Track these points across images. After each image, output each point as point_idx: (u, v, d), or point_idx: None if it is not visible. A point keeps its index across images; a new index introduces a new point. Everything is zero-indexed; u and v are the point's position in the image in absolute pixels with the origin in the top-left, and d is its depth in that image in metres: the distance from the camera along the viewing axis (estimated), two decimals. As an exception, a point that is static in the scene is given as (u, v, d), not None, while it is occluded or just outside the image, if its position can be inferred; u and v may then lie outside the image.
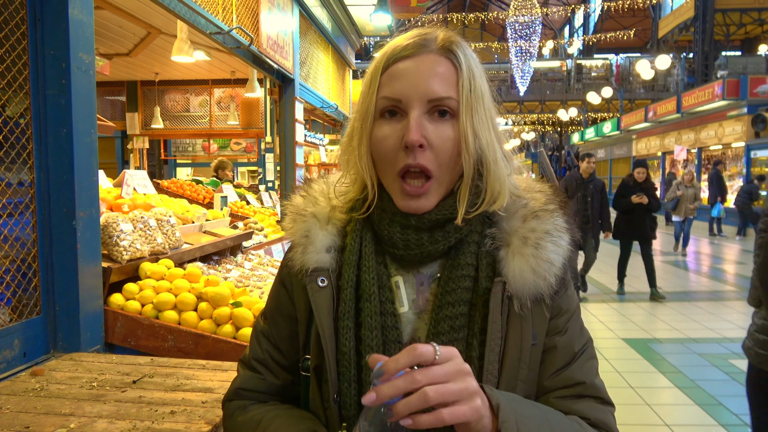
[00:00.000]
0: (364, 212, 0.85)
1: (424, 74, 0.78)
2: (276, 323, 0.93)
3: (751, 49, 24.99)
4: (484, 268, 0.81)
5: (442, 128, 0.78)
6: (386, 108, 0.79)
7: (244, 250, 3.65)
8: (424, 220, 0.81)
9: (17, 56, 1.89)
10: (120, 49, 5.42)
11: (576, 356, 0.82)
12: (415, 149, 0.76)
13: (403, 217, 0.81)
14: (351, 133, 0.85)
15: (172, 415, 1.46)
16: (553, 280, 0.79)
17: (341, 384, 0.80)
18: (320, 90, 6.69)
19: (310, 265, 0.84)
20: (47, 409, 1.49)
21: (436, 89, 0.77)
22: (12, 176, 1.89)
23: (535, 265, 0.79)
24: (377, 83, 0.80)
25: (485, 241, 0.83)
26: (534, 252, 0.79)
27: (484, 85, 0.82)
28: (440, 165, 0.78)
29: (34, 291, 1.95)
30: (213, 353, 2.16)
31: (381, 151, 0.80)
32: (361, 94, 0.84)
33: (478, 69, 0.81)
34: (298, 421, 0.82)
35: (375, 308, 0.81)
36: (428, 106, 0.77)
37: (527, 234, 0.81)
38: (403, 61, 0.79)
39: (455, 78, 0.79)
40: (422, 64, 0.78)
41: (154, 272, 2.40)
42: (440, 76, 0.78)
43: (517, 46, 24.64)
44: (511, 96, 31.25)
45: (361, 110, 0.82)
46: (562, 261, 0.81)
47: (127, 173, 3.10)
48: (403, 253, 0.82)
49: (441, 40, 0.81)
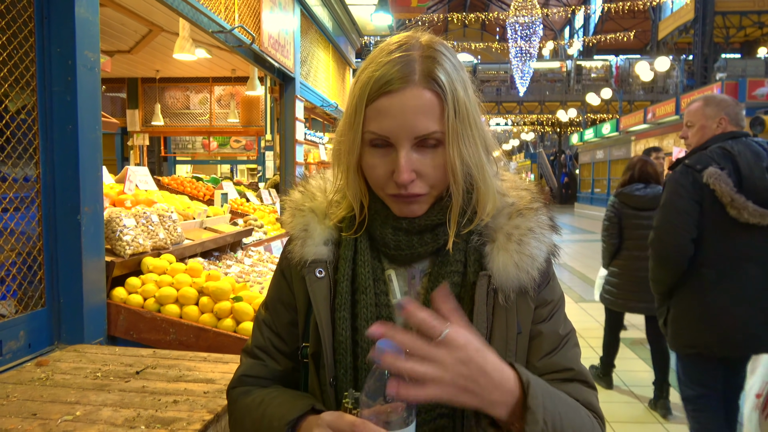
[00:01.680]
0: (354, 233, 0.89)
1: (410, 111, 0.78)
2: (277, 312, 0.97)
3: (750, 51, 25.06)
4: (472, 264, 0.86)
5: (431, 157, 0.80)
6: (374, 140, 0.81)
7: (244, 246, 3.69)
8: (414, 224, 0.85)
9: (24, 54, 1.93)
10: (121, 46, 5.45)
11: (562, 342, 0.87)
12: (407, 185, 0.80)
13: (395, 219, 0.86)
14: (338, 156, 0.88)
15: (175, 404, 1.51)
16: (536, 274, 0.84)
17: (338, 370, 0.85)
18: (320, 89, 6.73)
19: (309, 257, 0.89)
20: (53, 398, 1.53)
21: (421, 127, 0.78)
22: (18, 171, 1.93)
23: (518, 260, 0.83)
24: (362, 116, 0.80)
25: (472, 237, 0.87)
26: (517, 248, 0.84)
27: (469, 99, 0.82)
28: (431, 187, 0.83)
29: (39, 284, 1.99)
30: (214, 346, 2.20)
31: (372, 177, 0.84)
32: (346, 123, 0.84)
33: (461, 83, 0.81)
34: (299, 398, 0.86)
35: (370, 300, 0.85)
36: (415, 141, 0.79)
37: (511, 231, 0.85)
38: (387, 96, 0.78)
39: (440, 109, 0.79)
40: (407, 102, 0.78)
41: (156, 267, 2.44)
42: (425, 112, 0.78)
43: (517, 47, 24.69)
44: (511, 96, 31.29)
45: (346, 140, 0.84)
46: (544, 256, 0.86)
47: (130, 169, 3.14)
48: (394, 253, 0.87)
49: (422, 67, 0.79)
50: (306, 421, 0.79)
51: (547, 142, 39.43)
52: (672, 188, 2.31)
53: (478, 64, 34.49)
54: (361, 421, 0.67)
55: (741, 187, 2.17)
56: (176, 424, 1.38)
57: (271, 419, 0.83)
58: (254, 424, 0.87)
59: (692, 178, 2.25)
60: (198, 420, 1.41)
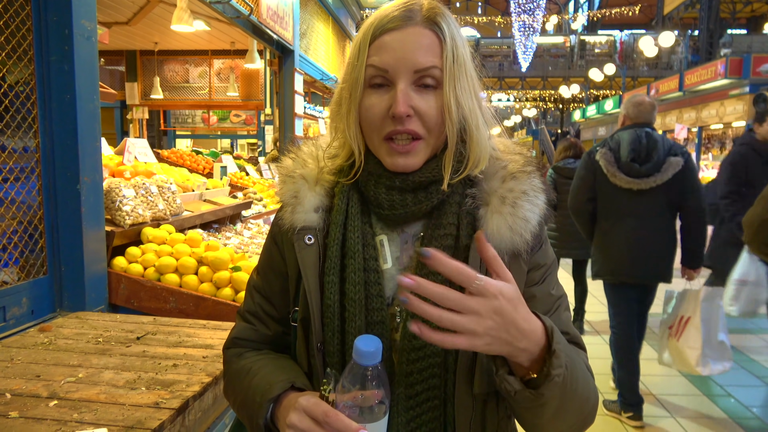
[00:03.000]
0: (351, 177, 0.90)
1: (410, 46, 0.81)
2: (268, 279, 0.98)
3: (757, 27, 24.71)
4: (465, 227, 0.87)
5: (428, 98, 0.82)
6: (374, 77, 0.83)
7: (244, 219, 3.72)
8: (408, 182, 0.85)
9: (21, 22, 1.92)
10: (119, 17, 5.40)
11: (555, 305, 0.89)
12: (403, 119, 0.81)
13: (389, 178, 0.86)
14: (339, 101, 0.90)
15: (175, 368, 1.55)
16: (529, 237, 0.85)
17: (325, 334, 0.86)
18: (320, 62, 6.68)
19: (299, 224, 0.90)
20: (56, 361, 1.57)
21: (421, 60, 0.81)
22: (17, 141, 1.94)
23: (512, 223, 0.84)
24: (366, 53, 0.83)
25: (466, 200, 0.88)
26: (511, 210, 0.85)
27: (467, 53, 0.86)
28: (428, 130, 0.83)
29: (41, 252, 2.02)
30: (213, 315, 2.24)
31: (368, 119, 0.84)
32: (349, 63, 0.88)
33: (461, 38, 0.85)
34: (282, 371, 0.89)
35: (359, 265, 0.86)
36: (414, 76, 0.81)
37: (505, 194, 0.86)
38: (390, 33, 0.82)
39: (439, 49, 0.82)
40: (408, 36, 0.82)
41: (155, 237, 2.47)
42: (425, 48, 0.82)
43: (520, 21, 24.35)
44: (513, 72, 30.99)
45: (349, 79, 0.86)
46: (537, 219, 0.87)
47: (129, 141, 3.14)
48: (388, 213, 0.87)
49: (425, 11, 0.84)
50: (287, 399, 0.82)
51: (549, 119, 39.17)
52: (580, 164, 3.28)
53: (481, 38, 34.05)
54: (334, 412, 0.69)
55: (619, 163, 3.03)
56: (176, 386, 1.43)
57: (255, 392, 0.86)
58: (242, 392, 0.90)
59: (589, 157, 3.18)
60: (197, 382, 1.45)
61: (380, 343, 0.70)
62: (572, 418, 0.80)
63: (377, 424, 0.71)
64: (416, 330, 0.65)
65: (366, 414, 0.70)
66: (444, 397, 0.84)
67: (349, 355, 0.82)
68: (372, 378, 0.70)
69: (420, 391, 0.83)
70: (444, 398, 0.84)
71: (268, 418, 0.83)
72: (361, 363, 0.69)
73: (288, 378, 0.86)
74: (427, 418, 0.83)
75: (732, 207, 3.74)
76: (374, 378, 0.70)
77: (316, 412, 0.71)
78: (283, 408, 0.81)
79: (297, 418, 0.74)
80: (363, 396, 0.69)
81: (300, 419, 0.73)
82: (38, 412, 1.26)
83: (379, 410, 0.71)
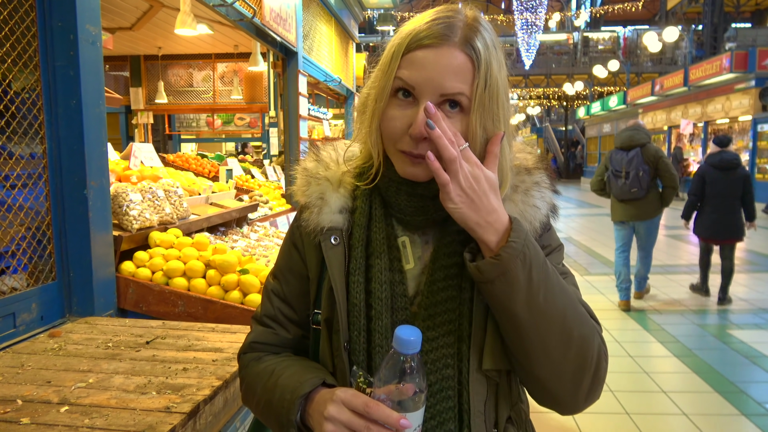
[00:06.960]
0: (370, 182, 0.91)
1: (441, 69, 0.79)
2: (287, 281, 0.99)
3: (761, 21, 24.57)
4: None
5: (452, 121, 0.81)
6: (400, 88, 0.82)
7: (250, 222, 3.72)
8: (429, 189, 0.85)
9: (26, 28, 1.93)
10: (123, 23, 5.41)
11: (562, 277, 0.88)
12: (419, 141, 0.80)
13: (410, 186, 0.87)
14: (365, 104, 0.89)
15: (185, 372, 1.54)
16: (538, 225, 0.88)
17: (351, 333, 0.87)
18: (323, 64, 6.68)
19: (325, 225, 0.91)
20: (66, 366, 1.57)
21: (448, 85, 0.79)
22: (24, 147, 1.95)
23: (523, 209, 0.87)
24: (397, 64, 0.82)
25: None
26: (523, 198, 0.88)
27: (501, 76, 0.83)
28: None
29: (49, 258, 2.02)
30: (221, 318, 2.24)
31: (388, 129, 0.84)
32: (380, 69, 0.86)
33: (497, 61, 0.82)
34: (310, 370, 0.89)
35: (384, 265, 0.87)
36: (440, 99, 0.80)
37: (518, 183, 0.89)
38: (424, 49, 0.80)
39: (471, 75, 0.80)
40: (441, 59, 0.79)
41: (163, 241, 2.47)
42: (456, 72, 0.79)
43: (522, 19, 24.31)
44: (517, 70, 30.83)
45: (377, 85, 0.85)
46: (547, 209, 0.90)
47: (135, 146, 3.15)
48: (409, 219, 0.89)
49: (464, 29, 0.81)
50: (319, 395, 0.82)
51: (553, 116, 39.05)
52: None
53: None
54: (375, 403, 0.70)
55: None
56: (186, 389, 1.42)
57: (283, 391, 0.85)
58: (266, 393, 0.89)
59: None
60: (207, 386, 1.45)
61: (420, 333, 0.72)
62: (555, 339, 0.78)
63: (416, 413, 0.72)
64: (430, 157, 0.76)
65: (405, 404, 0.71)
66: (459, 387, 0.85)
67: (375, 353, 0.84)
68: (411, 367, 0.71)
69: (434, 381, 0.84)
70: (459, 388, 0.85)
71: (299, 415, 0.83)
72: (401, 351, 0.71)
73: (318, 375, 0.86)
74: (441, 408, 0.84)
75: None
76: (413, 367, 0.71)
77: (356, 404, 0.73)
78: (315, 404, 0.81)
79: (336, 410, 0.74)
80: (403, 386, 0.71)
81: (339, 411, 0.74)
82: (49, 418, 1.25)
83: (418, 399, 0.71)
